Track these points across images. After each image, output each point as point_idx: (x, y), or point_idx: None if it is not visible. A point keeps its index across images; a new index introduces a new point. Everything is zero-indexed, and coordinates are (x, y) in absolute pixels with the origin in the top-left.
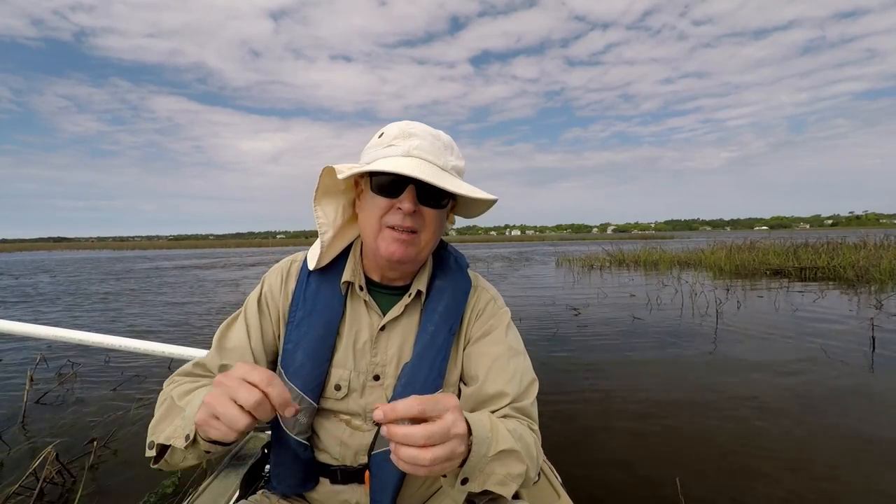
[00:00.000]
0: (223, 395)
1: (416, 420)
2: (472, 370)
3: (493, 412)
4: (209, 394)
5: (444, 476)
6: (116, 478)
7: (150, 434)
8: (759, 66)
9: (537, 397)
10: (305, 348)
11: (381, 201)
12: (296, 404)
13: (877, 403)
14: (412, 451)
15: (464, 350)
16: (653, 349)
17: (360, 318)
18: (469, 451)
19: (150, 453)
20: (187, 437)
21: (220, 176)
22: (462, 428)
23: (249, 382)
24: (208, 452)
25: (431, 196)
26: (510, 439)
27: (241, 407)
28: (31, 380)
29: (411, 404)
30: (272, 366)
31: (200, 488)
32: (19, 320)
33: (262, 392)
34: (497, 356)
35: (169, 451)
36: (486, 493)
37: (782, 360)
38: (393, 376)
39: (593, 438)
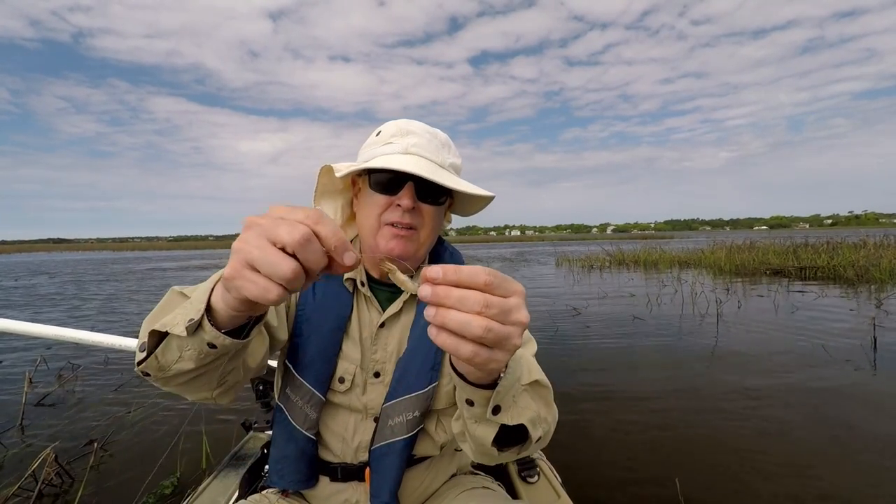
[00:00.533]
0: (258, 237)
1: None
2: None
3: None
4: (239, 238)
5: (472, 405)
6: (116, 479)
7: (141, 337)
8: (757, 66)
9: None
10: (316, 343)
11: (379, 199)
12: (357, 253)
13: (878, 403)
14: (464, 315)
15: None
16: (653, 350)
17: (362, 315)
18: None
19: (140, 356)
20: (190, 321)
21: (219, 177)
22: (525, 317)
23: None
24: (212, 347)
25: (430, 193)
26: (540, 372)
27: (283, 250)
28: (30, 381)
29: (477, 272)
30: (285, 339)
31: (200, 488)
32: (19, 319)
33: (311, 229)
34: None
35: (164, 343)
36: (510, 443)
37: (783, 359)
38: (392, 373)
39: (593, 439)
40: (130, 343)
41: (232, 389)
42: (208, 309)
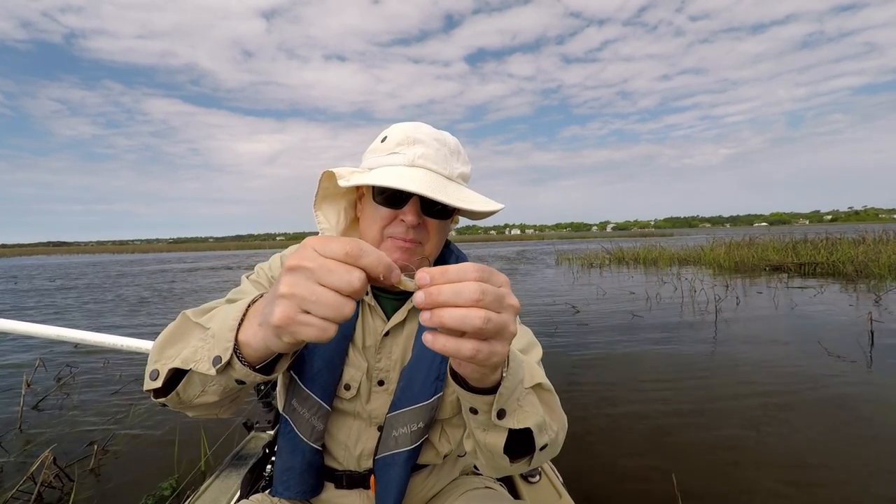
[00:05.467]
0: (310, 282)
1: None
2: None
3: None
4: (285, 283)
5: (476, 413)
6: (115, 481)
7: (152, 362)
8: (756, 62)
9: None
10: (323, 354)
11: (383, 212)
12: (398, 269)
13: (875, 398)
14: (461, 309)
15: None
16: (652, 347)
17: (367, 323)
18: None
19: (152, 384)
20: (217, 359)
21: (217, 178)
22: (516, 301)
23: (335, 259)
24: (240, 384)
25: (435, 207)
26: (543, 376)
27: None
28: (28, 385)
29: (466, 268)
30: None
31: (202, 488)
32: (19, 319)
33: (359, 269)
34: None
35: (185, 380)
36: (519, 454)
37: (780, 356)
38: (397, 381)
39: (593, 436)
40: (132, 343)
41: (235, 403)
42: (236, 344)
